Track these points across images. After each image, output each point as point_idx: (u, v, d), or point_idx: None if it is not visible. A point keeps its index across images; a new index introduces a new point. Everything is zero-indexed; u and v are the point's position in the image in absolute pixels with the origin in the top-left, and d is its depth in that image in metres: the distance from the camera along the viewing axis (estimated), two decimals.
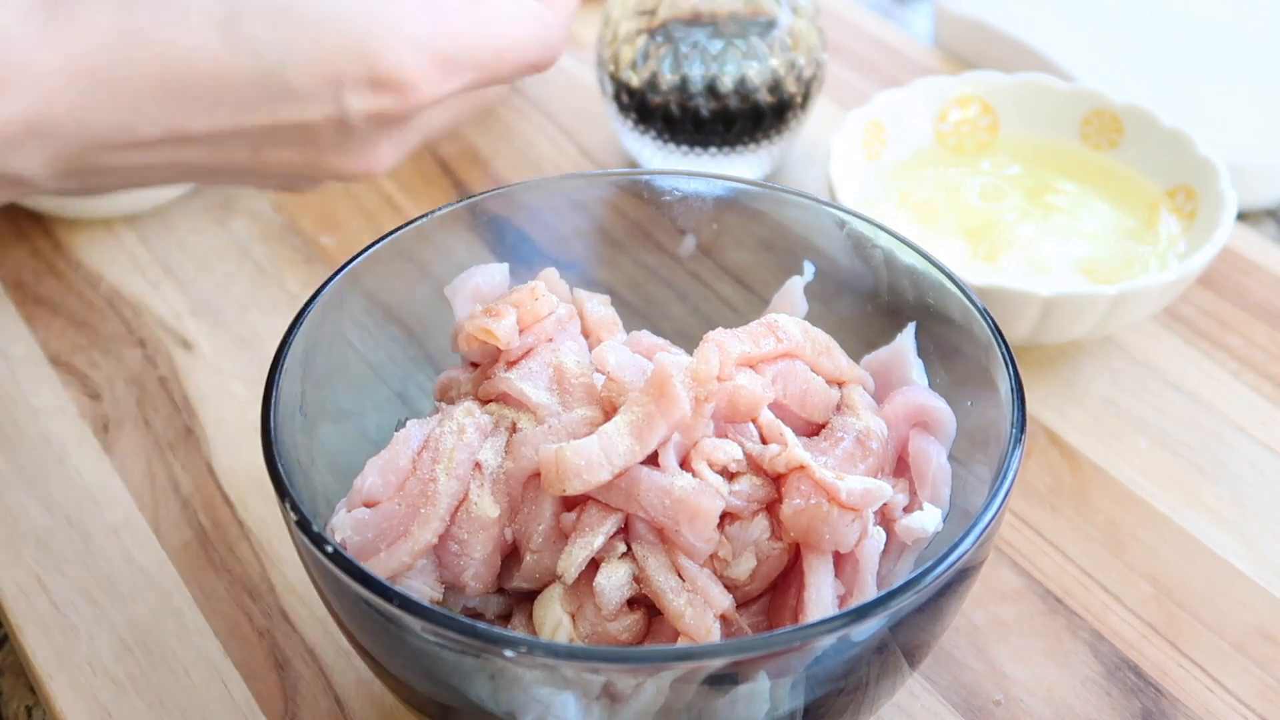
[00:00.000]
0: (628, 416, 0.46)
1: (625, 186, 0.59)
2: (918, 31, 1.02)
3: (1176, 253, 0.69)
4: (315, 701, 0.54)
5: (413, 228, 0.55)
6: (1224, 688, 0.55)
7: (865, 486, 0.46)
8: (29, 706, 0.57)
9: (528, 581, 0.48)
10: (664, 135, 0.76)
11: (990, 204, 0.72)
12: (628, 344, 0.53)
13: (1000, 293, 0.63)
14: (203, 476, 0.63)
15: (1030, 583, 0.59)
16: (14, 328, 0.71)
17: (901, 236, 0.54)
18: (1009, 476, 0.45)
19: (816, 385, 0.51)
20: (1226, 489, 0.63)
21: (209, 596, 0.58)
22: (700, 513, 0.45)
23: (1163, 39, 0.90)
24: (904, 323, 0.54)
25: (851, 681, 0.44)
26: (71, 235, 0.77)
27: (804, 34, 0.75)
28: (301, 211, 0.80)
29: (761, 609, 0.49)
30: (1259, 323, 0.72)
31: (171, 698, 0.54)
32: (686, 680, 0.41)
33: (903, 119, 0.76)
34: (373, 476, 0.48)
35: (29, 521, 0.61)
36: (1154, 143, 0.73)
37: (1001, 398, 0.49)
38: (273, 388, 0.47)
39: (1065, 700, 0.54)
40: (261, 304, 0.73)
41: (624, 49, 0.76)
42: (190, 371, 0.69)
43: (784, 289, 0.57)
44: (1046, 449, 0.65)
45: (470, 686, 0.43)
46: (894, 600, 0.41)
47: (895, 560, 0.49)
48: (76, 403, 0.67)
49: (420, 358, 0.58)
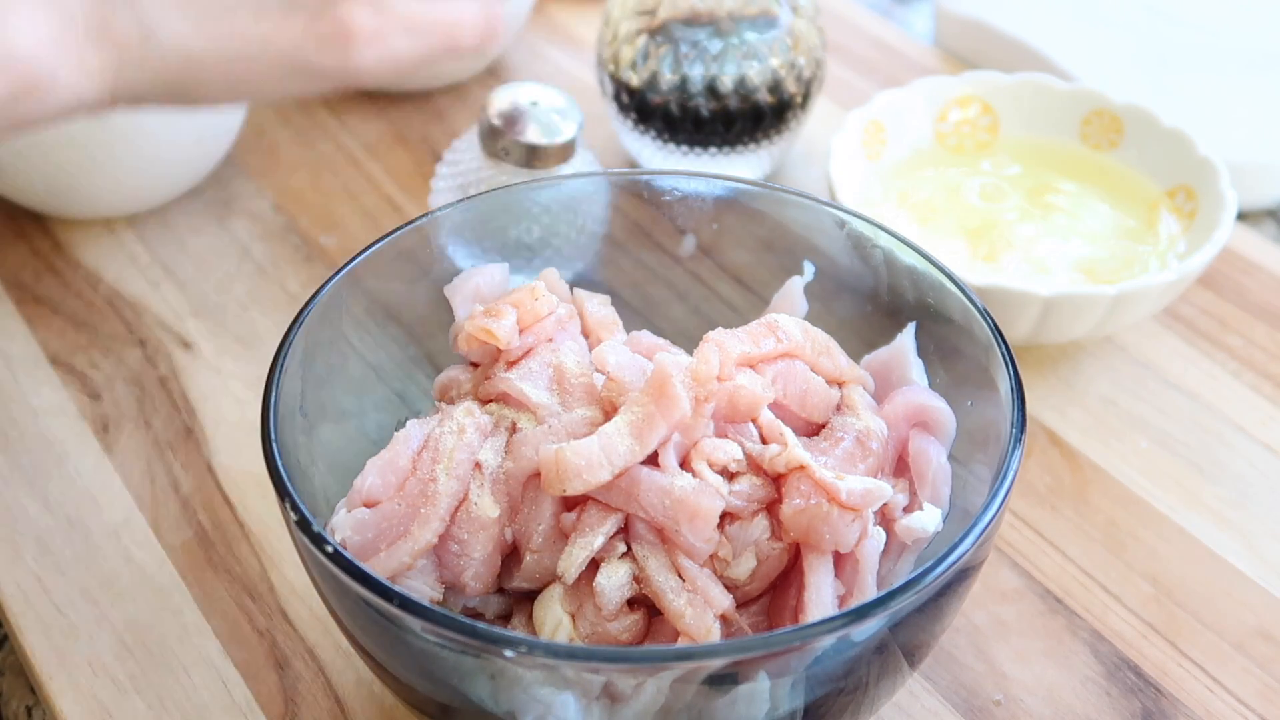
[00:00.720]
0: (628, 416, 0.46)
1: (625, 186, 0.60)
2: (918, 31, 1.02)
3: (1176, 253, 0.69)
4: (315, 701, 0.54)
5: (413, 228, 0.55)
6: (1224, 688, 0.55)
7: (865, 486, 0.46)
8: (29, 706, 0.57)
9: (528, 581, 0.48)
10: (664, 135, 0.76)
11: (990, 204, 0.72)
12: (628, 344, 0.53)
13: (1000, 293, 0.63)
14: (203, 476, 0.63)
15: (1030, 583, 0.59)
16: (14, 328, 0.71)
17: (901, 236, 0.54)
18: (1009, 476, 0.45)
19: (816, 385, 0.51)
20: (1226, 489, 0.63)
21: (209, 596, 0.58)
22: (700, 513, 0.45)
23: (1163, 39, 0.90)
24: (904, 323, 0.55)
25: (851, 681, 0.44)
26: (71, 235, 0.77)
27: (804, 34, 0.75)
28: (301, 211, 0.80)
29: (761, 609, 0.49)
30: (1259, 323, 0.72)
31: (171, 698, 0.54)
32: (686, 680, 0.41)
33: (903, 119, 0.76)
34: (373, 476, 0.48)
35: (29, 521, 0.61)
36: (1154, 143, 0.73)
37: (1001, 398, 0.49)
38: (273, 388, 0.48)
39: (1065, 700, 0.54)
40: (261, 304, 0.73)
41: (624, 49, 0.76)
42: (190, 371, 0.69)
43: (784, 289, 0.57)
44: (1046, 449, 0.65)
45: (470, 686, 0.43)
46: (894, 600, 0.41)
47: (895, 560, 0.49)
48: (76, 403, 0.67)
49: (420, 358, 0.58)
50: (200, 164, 0.78)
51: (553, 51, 0.95)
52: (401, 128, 0.87)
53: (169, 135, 0.74)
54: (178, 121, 0.74)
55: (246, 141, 0.85)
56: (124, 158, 0.73)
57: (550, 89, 0.68)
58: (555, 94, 0.68)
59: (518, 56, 0.94)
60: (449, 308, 0.54)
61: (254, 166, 0.83)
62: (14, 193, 0.76)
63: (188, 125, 0.74)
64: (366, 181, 0.82)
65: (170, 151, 0.75)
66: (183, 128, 0.74)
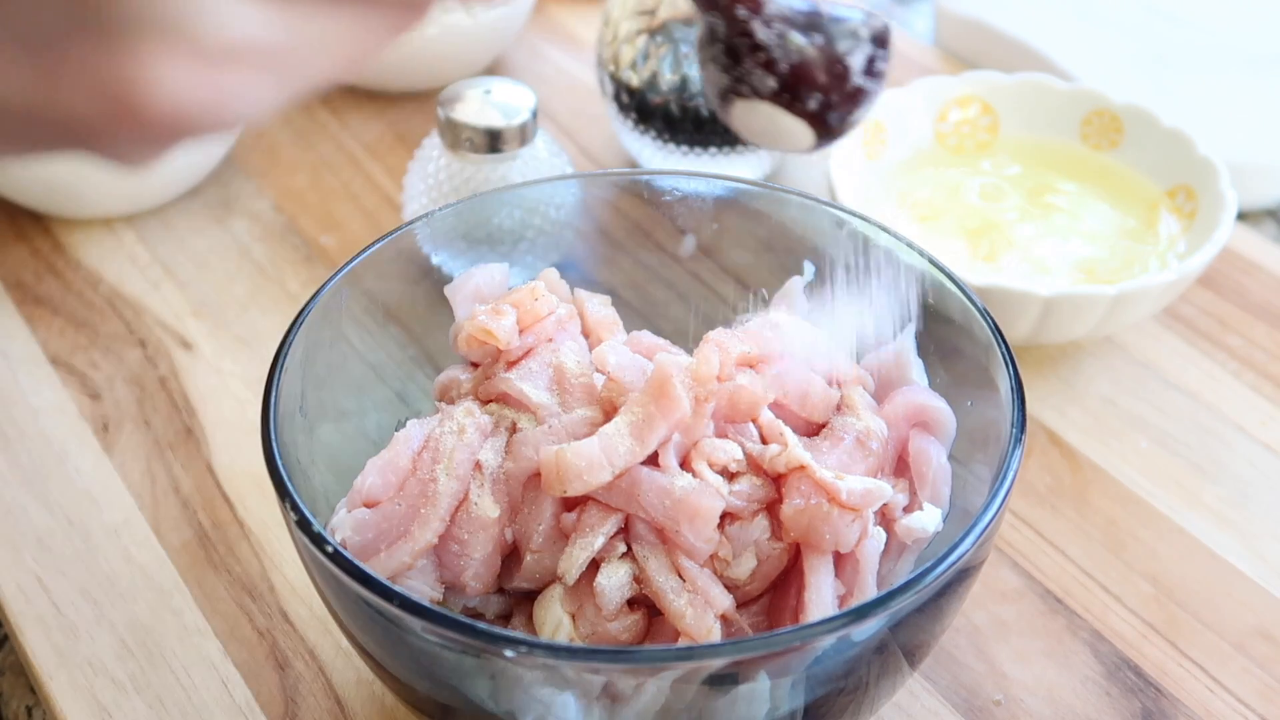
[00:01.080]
0: (628, 417, 0.46)
1: (625, 186, 0.60)
2: (918, 31, 1.02)
3: (1176, 253, 0.69)
4: (315, 701, 0.54)
5: (413, 228, 0.55)
6: (1224, 688, 0.55)
7: (865, 486, 0.46)
8: (29, 706, 0.57)
9: (528, 581, 0.48)
10: (664, 135, 0.76)
11: (990, 204, 0.72)
12: (628, 344, 0.53)
13: (1000, 293, 0.63)
14: (203, 476, 0.63)
15: (1030, 583, 0.59)
16: (14, 328, 0.71)
17: (901, 236, 0.54)
18: (1009, 476, 0.45)
19: (816, 385, 0.51)
20: (1226, 489, 0.63)
21: (209, 596, 0.58)
22: (700, 513, 0.45)
23: (1163, 39, 0.90)
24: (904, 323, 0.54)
25: (851, 681, 0.44)
26: (71, 235, 0.77)
27: None
28: (301, 211, 0.80)
29: (761, 609, 0.49)
30: (1259, 323, 0.72)
31: (171, 698, 0.54)
32: (687, 680, 0.41)
33: (903, 119, 0.76)
34: (373, 476, 0.48)
35: (29, 521, 0.61)
36: (1154, 143, 0.73)
37: (1001, 398, 0.49)
38: (273, 388, 0.47)
39: (1065, 700, 0.54)
40: (261, 304, 0.73)
41: (624, 49, 0.76)
42: (190, 371, 0.69)
43: (784, 289, 0.57)
44: (1046, 449, 0.65)
45: (470, 686, 0.43)
46: (894, 600, 0.41)
47: (895, 560, 0.49)
48: (76, 403, 0.67)
49: (420, 358, 0.58)
50: (200, 164, 0.78)
51: (553, 51, 0.95)
52: (401, 128, 0.87)
53: None
54: None
55: (246, 141, 0.85)
56: None
57: (498, 79, 0.70)
58: (504, 82, 0.70)
59: (518, 56, 0.94)
60: (449, 308, 0.54)
61: (254, 166, 0.83)
62: (14, 193, 0.76)
63: None
64: (366, 181, 0.82)
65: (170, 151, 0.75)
66: None
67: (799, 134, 0.40)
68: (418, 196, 0.71)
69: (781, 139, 0.40)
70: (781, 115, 0.39)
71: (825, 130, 0.40)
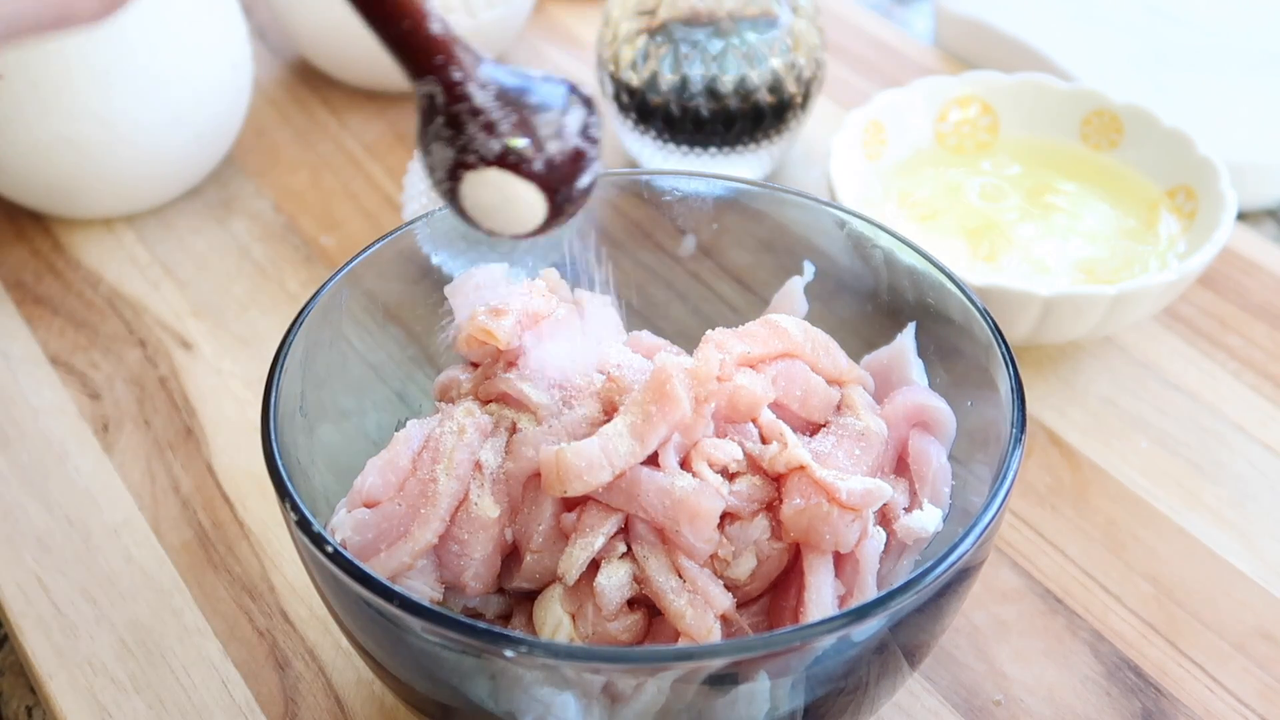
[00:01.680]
0: (628, 417, 0.46)
1: (625, 186, 0.60)
2: (918, 31, 1.02)
3: (1176, 253, 0.69)
4: (315, 701, 0.54)
5: (413, 228, 0.55)
6: (1224, 688, 0.55)
7: (865, 486, 0.46)
8: (29, 706, 0.57)
9: (528, 581, 0.48)
10: (664, 135, 0.76)
11: (990, 204, 0.72)
12: (628, 344, 0.53)
13: (1000, 293, 0.63)
14: (203, 476, 0.63)
15: (1030, 583, 0.59)
16: (14, 328, 0.71)
17: (901, 236, 0.54)
18: (1009, 476, 0.45)
19: (816, 385, 0.51)
20: (1226, 489, 0.63)
21: (209, 596, 0.58)
22: (700, 513, 0.45)
23: (1163, 39, 0.90)
24: (904, 323, 0.55)
25: (851, 681, 0.44)
26: (71, 235, 0.77)
27: (804, 34, 0.75)
28: (301, 211, 0.80)
29: (761, 609, 0.49)
30: (1259, 323, 0.72)
31: (171, 698, 0.54)
32: (687, 680, 0.41)
33: (903, 119, 0.76)
34: (373, 476, 0.48)
35: (29, 521, 0.61)
36: (1154, 143, 0.73)
37: (1001, 398, 0.49)
38: (273, 388, 0.47)
39: (1065, 700, 0.54)
40: (261, 304, 0.73)
41: (624, 49, 0.76)
42: (190, 371, 0.69)
43: (784, 289, 0.57)
44: (1046, 449, 0.65)
45: (470, 686, 0.43)
46: (894, 600, 0.41)
47: (895, 560, 0.49)
48: (76, 403, 0.67)
49: (420, 358, 0.58)
50: (200, 164, 0.78)
51: (553, 51, 0.95)
52: (401, 128, 0.87)
53: (169, 135, 0.74)
54: (178, 121, 0.74)
55: (246, 141, 0.85)
56: (124, 158, 0.73)
57: None
58: None
59: (518, 56, 0.94)
60: (449, 308, 0.54)
61: (254, 166, 0.83)
62: (14, 193, 0.76)
63: (188, 125, 0.74)
64: (366, 181, 0.82)
65: (170, 151, 0.75)
66: (183, 128, 0.74)
67: (530, 201, 0.40)
68: (418, 196, 0.71)
69: (513, 210, 0.40)
70: (510, 181, 0.39)
71: (552, 192, 0.40)
